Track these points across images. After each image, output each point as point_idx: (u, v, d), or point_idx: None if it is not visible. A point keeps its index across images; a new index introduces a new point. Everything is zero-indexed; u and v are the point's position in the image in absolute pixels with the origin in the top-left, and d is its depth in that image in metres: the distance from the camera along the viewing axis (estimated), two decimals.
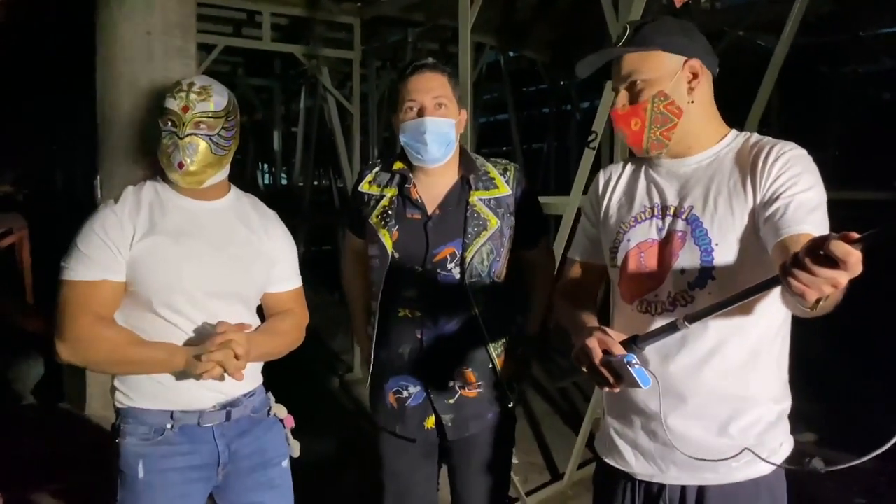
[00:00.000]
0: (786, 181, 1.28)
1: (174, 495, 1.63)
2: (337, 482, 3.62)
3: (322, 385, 5.49)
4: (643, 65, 1.40)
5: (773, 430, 1.41)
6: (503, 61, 8.55)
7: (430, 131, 1.75)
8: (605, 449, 1.56)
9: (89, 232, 1.59)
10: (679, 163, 1.45)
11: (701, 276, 1.34)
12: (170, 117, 1.62)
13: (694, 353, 1.36)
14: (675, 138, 1.41)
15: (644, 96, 1.39)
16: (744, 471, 1.38)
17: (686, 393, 1.37)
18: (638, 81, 1.40)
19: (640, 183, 1.51)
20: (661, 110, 1.39)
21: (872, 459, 3.50)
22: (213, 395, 1.67)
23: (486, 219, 1.80)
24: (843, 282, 0.92)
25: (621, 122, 1.43)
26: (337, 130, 6.51)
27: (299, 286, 1.88)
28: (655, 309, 1.39)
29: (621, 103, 1.43)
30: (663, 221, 1.42)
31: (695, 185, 1.41)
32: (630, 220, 1.47)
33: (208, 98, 1.63)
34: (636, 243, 1.44)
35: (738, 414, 1.38)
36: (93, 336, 1.55)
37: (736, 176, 1.37)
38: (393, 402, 1.85)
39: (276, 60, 8.71)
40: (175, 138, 1.61)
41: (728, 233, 1.33)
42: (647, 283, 1.41)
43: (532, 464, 3.84)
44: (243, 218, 1.77)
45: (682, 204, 1.40)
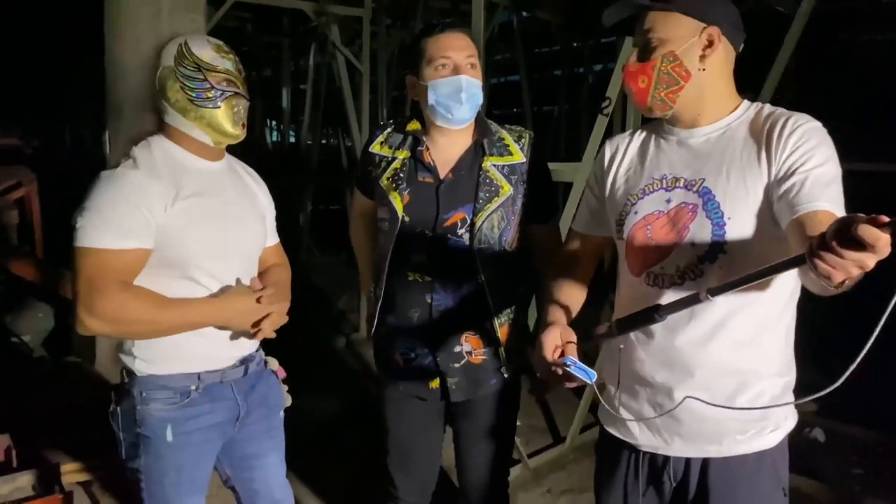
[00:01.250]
0: (801, 155, 1.26)
1: (199, 453, 1.68)
2: (341, 440, 3.68)
3: (328, 344, 5.53)
4: (660, 23, 1.37)
5: (777, 402, 1.41)
6: (516, 21, 8.41)
7: (466, 90, 1.73)
8: (609, 419, 1.55)
9: (116, 197, 1.52)
10: (689, 133, 1.43)
11: (711, 250, 1.33)
12: (226, 77, 1.61)
13: (702, 327, 1.35)
14: (680, 102, 1.38)
15: (655, 54, 1.37)
16: (748, 444, 1.39)
17: (693, 366, 1.37)
18: (653, 39, 1.38)
19: (649, 154, 1.49)
20: (668, 70, 1.37)
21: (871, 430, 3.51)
22: (234, 352, 1.70)
23: (499, 185, 1.78)
24: (871, 264, 0.91)
25: (630, 78, 1.42)
26: (346, 89, 6.45)
27: (279, 240, 1.93)
28: (663, 282, 1.38)
29: (632, 60, 1.42)
30: (673, 193, 1.40)
31: (706, 157, 1.38)
32: (638, 191, 1.45)
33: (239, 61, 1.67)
34: (643, 215, 1.43)
35: (745, 387, 1.37)
36: (126, 306, 1.50)
37: (750, 148, 1.34)
38: (399, 360, 1.86)
39: (285, 17, 8.60)
40: (242, 99, 1.64)
41: (741, 207, 1.31)
42: (654, 256, 1.40)
43: (534, 427, 3.88)
44: (240, 176, 1.81)
45: (694, 176, 1.38)
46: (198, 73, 1.59)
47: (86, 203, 1.53)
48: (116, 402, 1.68)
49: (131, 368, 1.63)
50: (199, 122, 1.61)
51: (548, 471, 3.47)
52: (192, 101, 1.59)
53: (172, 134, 1.65)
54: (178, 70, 1.59)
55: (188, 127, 1.62)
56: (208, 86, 1.59)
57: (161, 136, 1.67)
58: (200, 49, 1.60)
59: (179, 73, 1.59)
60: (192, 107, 1.59)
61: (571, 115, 9.96)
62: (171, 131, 1.65)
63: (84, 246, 1.50)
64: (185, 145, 1.65)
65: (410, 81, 1.83)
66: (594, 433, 3.62)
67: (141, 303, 1.53)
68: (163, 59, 1.62)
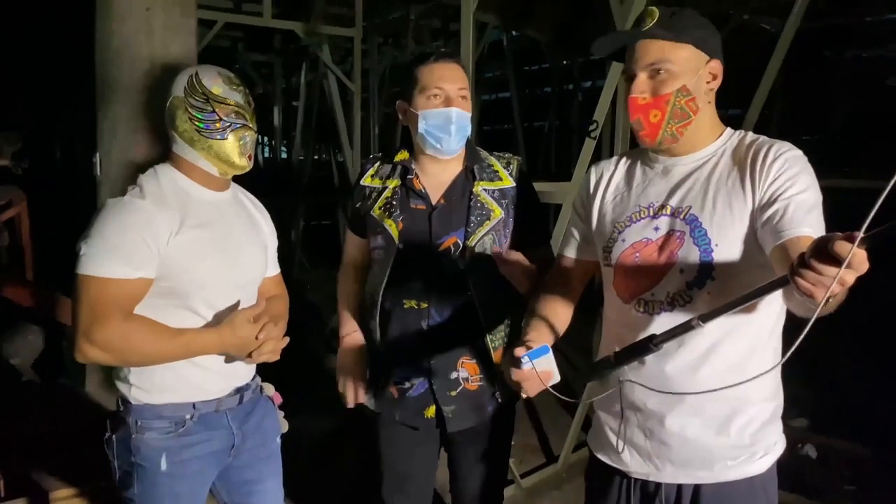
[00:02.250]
0: (784, 182, 1.28)
1: (194, 482, 1.67)
2: (334, 461, 3.65)
3: (320, 363, 5.50)
4: (673, 54, 1.36)
5: (767, 428, 1.42)
6: (506, 40, 8.48)
7: (456, 122, 1.75)
8: (599, 445, 1.56)
9: (122, 225, 1.52)
10: (675, 161, 1.44)
11: (700, 276, 1.34)
12: (236, 109, 1.63)
13: (692, 353, 1.36)
14: (685, 136, 1.40)
15: (668, 88, 1.36)
16: (738, 469, 1.40)
17: (684, 392, 1.37)
18: (663, 70, 1.36)
19: (635, 181, 1.50)
20: (681, 105, 1.37)
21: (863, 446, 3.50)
22: (230, 380, 1.71)
23: (490, 209, 1.80)
24: (850, 280, 0.93)
25: (640, 111, 1.39)
26: (337, 107, 6.49)
27: (279, 271, 1.94)
28: (653, 308, 1.39)
29: (640, 91, 1.38)
30: (660, 221, 1.41)
31: (692, 184, 1.40)
32: (625, 219, 1.46)
33: (249, 93, 1.69)
34: (632, 242, 1.43)
35: (735, 413, 1.39)
36: (127, 335, 1.50)
37: (734, 176, 1.36)
38: (394, 391, 1.85)
39: (276, 36, 8.64)
40: (250, 132, 1.66)
41: (728, 233, 1.33)
42: (643, 283, 1.41)
43: (527, 446, 3.87)
44: (243, 206, 1.82)
45: (680, 204, 1.40)
46: (207, 105, 1.60)
47: (91, 230, 1.53)
48: (112, 430, 1.67)
49: (127, 397, 1.63)
50: (207, 152, 1.62)
51: (542, 490, 3.46)
52: (200, 131, 1.60)
53: (180, 163, 1.66)
54: (188, 101, 1.60)
55: (195, 157, 1.63)
56: (216, 118, 1.60)
57: (168, 164, 1.67)
58: (211, 81, 1.61)
59: (189, 104, 1.60)
60: (200, 137, 1.61)
61: (562, 131, 10.03)
62: (179, 160, 1.66)
63: (87, 274, 1.50)
64: (191, 175, 1.66)
65: (402, 107, 1.85)
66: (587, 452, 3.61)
67: (142, 333, 1.52)
68: (173, 90, 1.63)
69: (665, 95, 1.36)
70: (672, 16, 1.38)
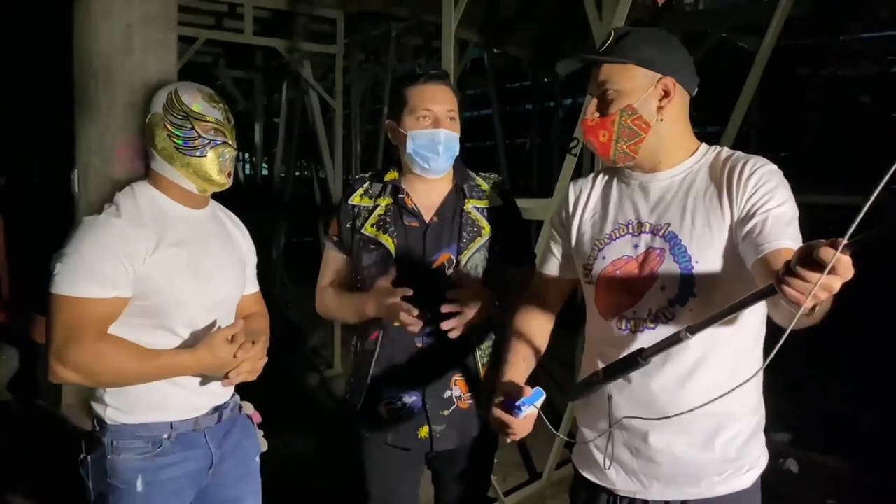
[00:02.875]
0: (761, 196, 1.29)
1: (171, 503, 1.63)
2: (314, 481, 3.61)
3: (301, 381, 5.46)
4: (617, 76, 1.39)
5: (751, 442, 1.43)
6: (487, 57, 8.54)
7: (445, 143, 1.76)
8: (584, 463, 1.54)
9: (97, 244, 1.50)
10: (651, 177, 1.45)
11: (682, 293, 1.35)
12: (215, 126, 1.61)
13: (676, 370, 1.36)
14: (642, 153, 1.41)
15: (613, 108, 1.39)
16: (725, 485, 1.40)
17: (668, 409, 1.36)
18: (609, 91, 1.39)
19: (613, 199, 1.51)
20: (628, 124, 1.39)
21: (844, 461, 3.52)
22: (208, 399, 1.68)
23: (481, 226, 1.81)
24: (836, 286, 0.92)
25: (590, 132, 1.43)
26: (318, 124, 6.49)
27: (259, 289, 1.91)
28: (636, 326, 1.39)
29: (591, 112, 1.43)
30: (640, 238, 1.42)
31: (670, 201, 1.41)
32: (605, 237, 1.47)
33: (229, 110, 1.68)
34: (612, 260, 1.44)
35: (721, 428, 1.38)
36: (100, 356, 1.48)
37: (711, 192, 1.37)
38: (384, 412, 1.83)
39: (257, 52, 8.63)
40: (230, 149, 1.64)
41: (707, 249, 1.34)
42: (625, 300, 1.41)
43: (510, 462, 3.85)
44: (222, 223, 1.80)
45: (659, 221, 1.40)
46: (186, 122, 1.58)
47: (65, 249, 1.50)
48: (86, 451, 1.63)
49: (102, 417, 1.60)
50: (185, 169, 1.60)
51: None
52: (179, 148, 1.58)
53: (158, 180, 1.64)
54: (167, 118, 1.59)
55: (174, 174, 1.62)
56: (196, 134, 1.59)
57: (146, 182, 1.66)
58: (190, 98, 1.60)
59: (167, 121, 1.58)
60: (179, 155, 1.59)
61: (543, 147, 10.10)
62: (157, 178, 1.64)
63: (61, 293, 1.47)
64: (169, 192, 1.64)
65: (391, 126, 1.85)
66: (570, 469, 3.60)
67: (116, 353, 1.50)
68: (152, 106, 1.61)
69: (610, 116, 1.39)
70: (621, 37, 1.40)
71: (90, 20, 3.69)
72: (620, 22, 2.82)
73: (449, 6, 3.32)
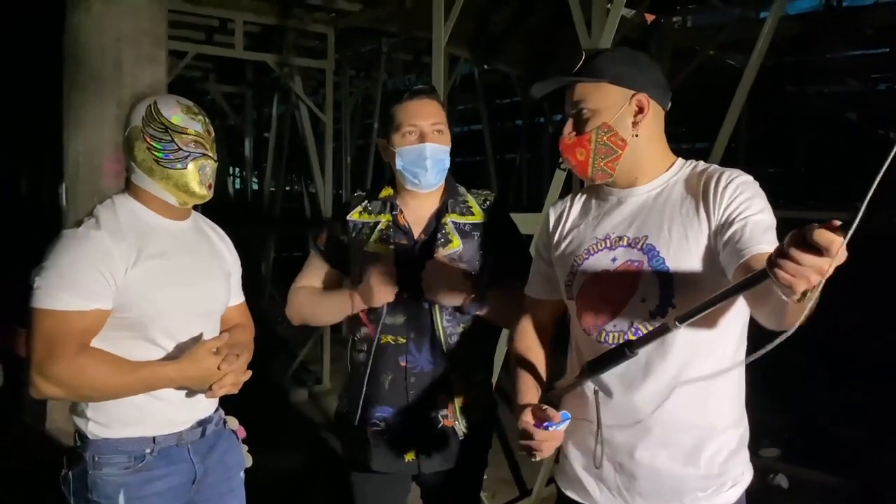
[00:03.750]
0: (739, 205, 1.30)
1: None
2: (299, 497, 3.58)
3: (290, 397, 5.43)
4: (590, 95, 1.41)
5: (735, 457, 1.42)
6: (477, 73, 8.59)
7: (431, 157, 1.76)
8: (567, 482, 1.54)
9: (77, 257, 1.49)
10: (628, 192, 1.46)
11: (661, 305, 1.35)
12: (195, 139, 1.60)
13: (657, 382, 1.36)
14: (619, 169, 1.43)
15: (589, 126, 1.41)
16: (708, 501, 1.39)
17: (651, 423, 1.37)
18: (584, 110, 1.42)
19: (591, 215, 1.52)
20: (604, 142, 1.40)
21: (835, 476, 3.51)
22: (191, 413, 1.66)
23: (451, 239, 1.79)
24: (828, 269, 0.92)
25: (567, 151, 1.45)
26: (309, 138, 6.49)
27: (244, 299, 1.90)
28: (618, 339, 1.39)
29: (567, 132, 1.45)
30: (617, 252, 1.42)
31: (647, 214, 1.42)
32: (583, 252, 1.47)
33: (209, 121, 1.67)
34: (591, 274, 1.44)
35: (703, 442, 1.38)
36: (81, 370, 1.47)
37: (688, 204, 1.38)
38: (370, 435, 1.80)
39: (248, 67, 8.65)
40: (210, 161, 1.63)
41: (685, 260, 1.34)
42: (606, 314, 1.41)
43: (500, 479, 3.83)
44: (205, 234, 1.78)
45: (637, 234, 1.41)
46: (165, 135, 1.58)
47: (45, 262, 1.49)
48: (68, 467, 1.61)
49: (84, 431, 1.58)
50: (165, 182, 1.59)
51: None
52: (159, 161, 1.58)
53: (138, 193, 1.63)
54: (146, 131, 1.58)
55: (153, 187, 1.61)
56: (175, 147, 1.58)
57: (126, 194, 1.65)
58: (169, 110, 1.59)
59: (147, 134, 1.57)
60: (158, 168, 1.58)
61: (533, 163, 10.15)
62: (137, 190, 1.63)
63: (41, 307, 1.46)
64: (150, 205, 1.63)
65: (382, 145, 1.86)
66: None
67: (98, 367, 1.49)
68: (132, 119, 1.60)
69: (586, 134, 1.41)
70: (592, 57, 1.43)
71: (80, 34, 3.69)
72: (609, 39, 2.85)
73: (439, 22, 3.34)
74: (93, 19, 3.65)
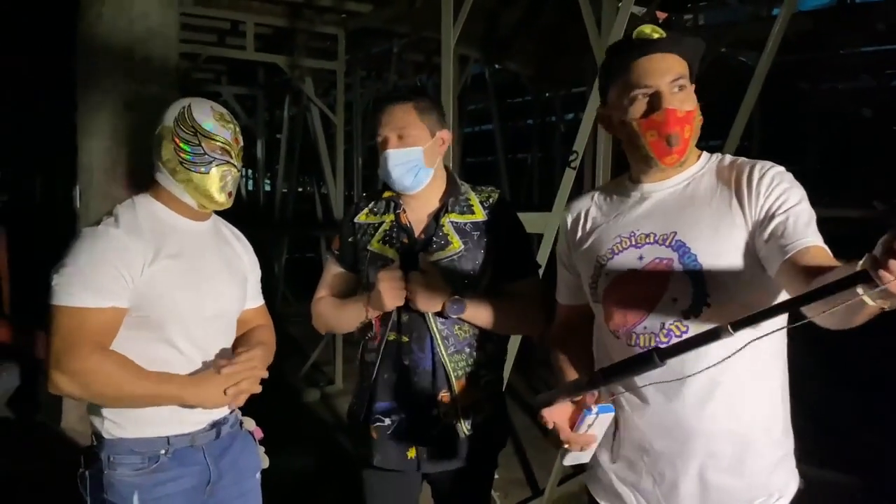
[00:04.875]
0: (777, 198, 1.25)
1: None
2: (316, 497, 3.59)
3: (303, 398, 5.44)
4: (686, 71, 1.32)
5: (780, 468, 1.36)
6: (488, 73, 8.58)
7: (393, 164, 1.78)
8: (600, 489, 1.47)
9: (95, 255, 1.51)
10: (653, 187, 1.39)
11: (695, 304, 1.27)
12: (221, 146, 1.61)
13: (696, 389, 1.28)
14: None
15: (691, 104, 1.31)
16: None
17: (692, 431, 1.30)
18: (687, 85, 1.32)
19: (612, 212, 1.45)
20: (698, 124, 1.33)
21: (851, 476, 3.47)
22: (206, 415, 1.67)
23: (450, 240, 1.79)
24: None
25: (678, 124, 1.29)
26: (320, 140, 6.51)
27: (263, 302, 1.91)
28: (649, 342, 1.30)
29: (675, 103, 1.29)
30: (644, 250, 1.35)
31: (674, 209, 1.35)
32: (606, 251, 1.40)
33: (240, 131, 1.69)
34: (617, 274, 1.37)
35: (746, 451, 1.31)
36: (97, 368, 1.48)
37: (719, 197, 1.31)
38: (373, 431, 1.81)
39: (259, 69, 8.68)
40: (233, 169, 1.64)
41: (718, 256, 1.27)
42: (635, 316, 1.33)
43: (513, 479, 3.83)
44: (224, 236, 1.80)
45: (665, 230, 1.33)
46: (194, 138, 1.59)
47: (64, 260, 1.52)
48: (85, 466, 1.63)
49: (100, 431, 1.60)
50: (187, 184, 1.61)
51: None
52: (183, 162, 1.59)
53: (160, 193, 1.65)
54: (176, 132, 1.59)
55: (175, 187, 1.62)
56: (202, 151, 1.59)
57: (147, 195, 1.67)
58: (202, 115, 1.61)
59: (176, 135, 1.59)
60: (182, 169, 1.59)
61: (544, 162, 10.12)
62: (159, 190, 1.65)
63: (59, 304, 1.48)
64: (170, 205, 1.65)
65: None
66: (572, 485, 3.57)
67: (113, 367, 1.50)
68: (164, 119, 1.62)
69: (693, 111, 1.31)
70: (673, 34, 1.33)
71: (92, 38, 3.71)
72: (619, 38, 2.83)
73: (448, 22, 3.34)
74: (104, 23, 3.67)
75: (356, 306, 1.82)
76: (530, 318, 1.82)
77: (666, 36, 1.29)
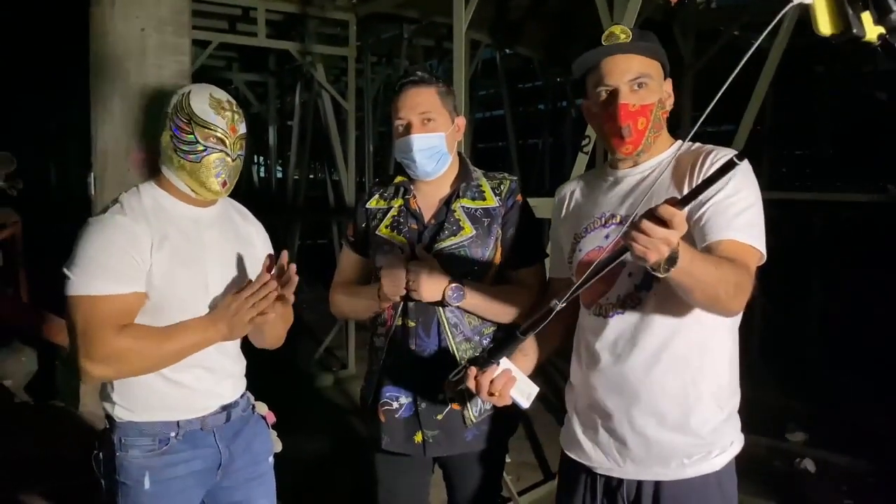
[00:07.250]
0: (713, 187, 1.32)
1: (178, 502, 1.65)
2: (327, 482, 3.63)
3: (316, 382, 5.48)
4: (650, 69, 1.46)
5: (724, 426, 1.47)
6: (499, 58, 8.53)
7: (417, 148, 1.77)
8: (568, 442, 1.63)
9: (104, 242, 1.53)
10: (626, 173, 1.53)
11: (646, 279, 1.42)
12: (216, 134, 1.60)
13: (644, 352, 1.44)
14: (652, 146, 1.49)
15: (651, 98, 1.45)
16: (694, 467, 1.45)
17: (639, 391, 1.45)
18: (647, 82, 1.45)
19: (590, 195, 1.61)
20: (658, 116, 1.47)
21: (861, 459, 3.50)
22: (216, 398, 1.70)
23: (462, 225, 1.80)
24: (674, 240, 1.08)
25: (630, 118, 1.44)
26: (332, 126, 6.51)
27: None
28: (607, 311, 1.49)
29: (629, 98, 1.44)
30: (610, 230, 1.51)
31: (640, 193, 1.48)
32: (581, 230, 1.57)
33: (243, 119, 1.67)
34: (587, 251, 1.53)
35: (691, 411, 1.44)
36: (125, 346, 1.51)
37: (678, 182, 1.43)
38: (381, 414, 1.83)
39: (270, 56, 8.68)
40: (226, 158, 1.62)
41: None
42: (599, 289, 1.49)
43: (524, 463, 3.86)
44: (233, 221, 1.80)
45: (629, 212, 1.46)
46: (188, 126, 1.59)
47: (75, 251, 1.53)
48: (98, 448, 1.67)
49: (111, 414, 1.63)
50: (181, 172, 1.62)
51: None
52: (177, 150, 1.60)
53: (162, 180, 1.67)
54: (173, 119, 1.60)
55: (172, 175, 1.64)
56: (194, 139, 1.59)
57: (152, 182, 1.68)
58: (198, 103, 1.60)
59: (173, 122, 1.60)
60: (176, 157, 1.60)
61: (556, 147, 10.08)
62: (161, 177, 1.67)
63: (76, 294, 1.50)
64: (172, 192, 1.66)
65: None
66: None
67: (139, 340, 1.53)
68: (168, 105, 1.63)
69: (649, 105, 1.45)
70: (640, 36, 1.47)
71: (104, 25, 3.72)
72: (631, 20, 2.82)
73: (459, 7, 3.33)
74: (116, 9, 3.68)
75: (370, 296, 1.83)
76: (529, 308, 1.81)
77: (630, 39, 1.45)
